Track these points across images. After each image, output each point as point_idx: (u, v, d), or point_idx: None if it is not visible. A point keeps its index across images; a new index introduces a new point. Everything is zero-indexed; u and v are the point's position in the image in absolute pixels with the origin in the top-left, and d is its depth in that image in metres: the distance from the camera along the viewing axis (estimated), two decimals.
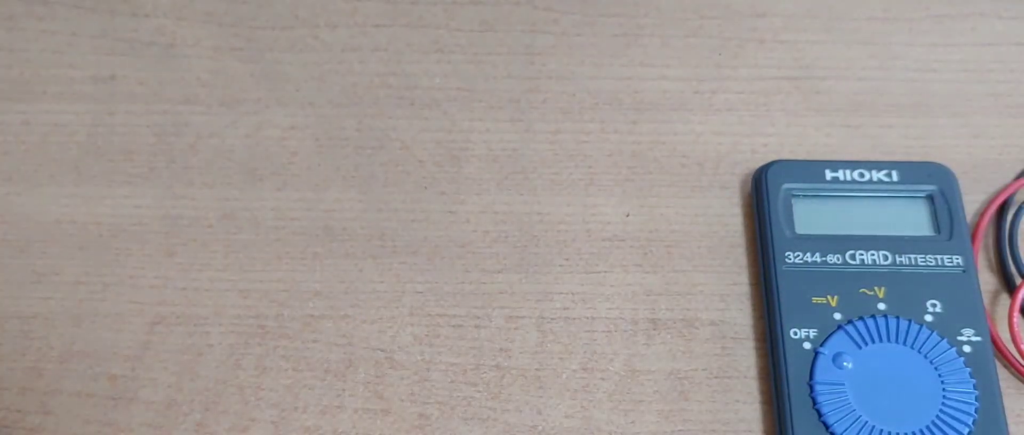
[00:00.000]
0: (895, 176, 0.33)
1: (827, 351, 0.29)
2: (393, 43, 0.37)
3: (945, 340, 0.29)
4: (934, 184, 0.33)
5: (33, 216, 0.33)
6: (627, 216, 0.34)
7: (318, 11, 0.37)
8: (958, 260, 0.31)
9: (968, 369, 0.29)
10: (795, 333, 0.30)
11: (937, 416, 0.28)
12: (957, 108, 0.36)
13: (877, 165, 0.33)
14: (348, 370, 0.31)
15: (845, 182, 0.33)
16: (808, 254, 0.31)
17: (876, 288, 0.31)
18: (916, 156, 0.35)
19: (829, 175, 0.33)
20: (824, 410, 0.28)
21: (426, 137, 0.35)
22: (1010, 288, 0.32)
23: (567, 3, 0.38)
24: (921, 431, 0.28)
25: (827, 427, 0.28)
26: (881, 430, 0.28)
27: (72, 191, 0.34)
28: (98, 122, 0.35)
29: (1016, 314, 0.30)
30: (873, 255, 0.31)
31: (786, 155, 0.35)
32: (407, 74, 0.36)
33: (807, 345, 0.30)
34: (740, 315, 0.32)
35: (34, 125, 0.35)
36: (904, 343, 0.29)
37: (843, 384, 0.29)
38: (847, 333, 0.30)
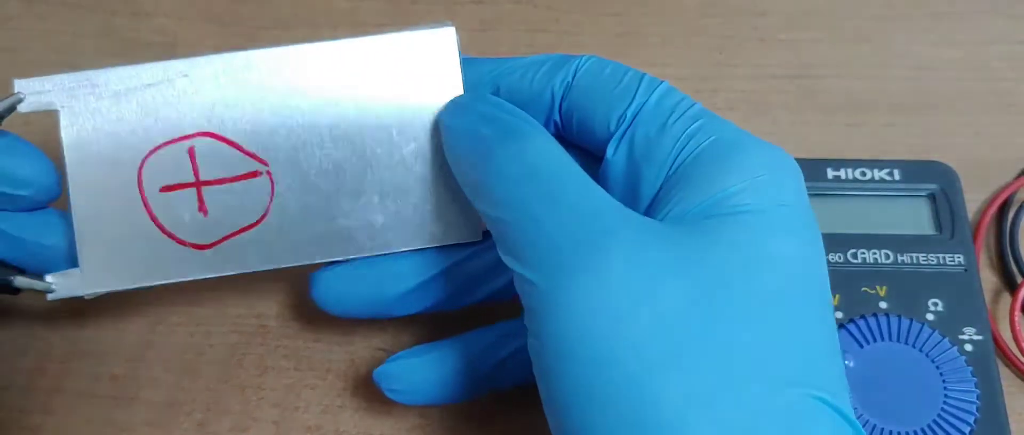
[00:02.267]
0: (897, 175, 0.33)
1: None
2: None
3: (946, 339, 0.29)
4: (936, 183, 0.33)
5: None
6: None
7: (319, 11, 0.37)
8: (960, 259, 0.31)
9: (969, 368, 0.29)
10: None
11: (939, 414, 0.28)
12: (958, 106, 0.36)
13: (879, 164, 0.33)
14: (350, 369, 0.31)
15: (847, 181, 0.33)
16: None
17: (878, 287, 0.31)
18: (917, 154, 0.35)
19: (830, 174, 0.33)
20: None
21: None
22: (1011, 286, 0.32)
23: (567, 2, 0.38)
24: (923, 430, 0.28)
25: None
26: (883, 429, 0.28)
27: None
28: None
29: (1018, 313, 0.31)
30: (875, 254, 0.31)
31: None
32: None
33: None
34: None
35: (35, 125, 0.34)
36: (906, 342, 0.29)
37: None
38: (849, 332, 0.30)
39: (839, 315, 0.30)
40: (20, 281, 0.27)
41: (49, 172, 0.27)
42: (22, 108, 0.27)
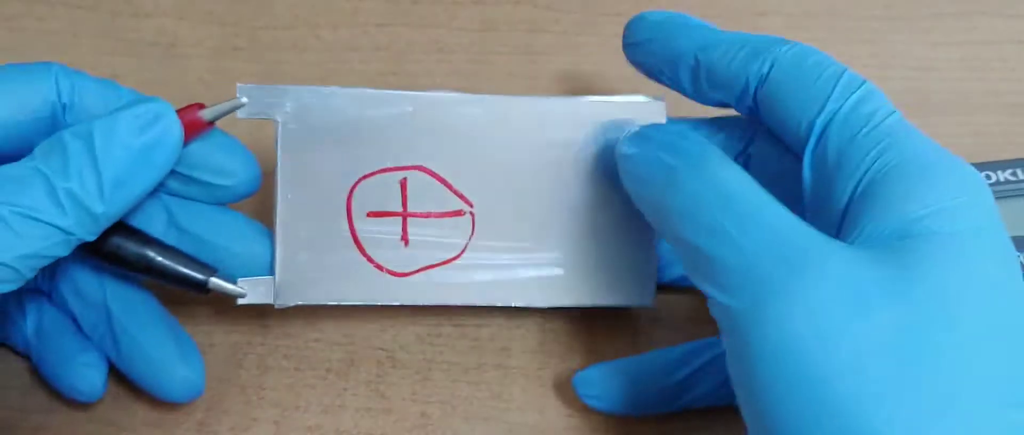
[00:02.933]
0: (1021, 174, 0.32)
1: None
2: (394, 42, 0.37)
3: None
4: None
5: None
6: None
7: (319, 11, 0.37)
8: None
9: None
10: None
11: None
12: (958, 106, 0.36)
13: (1000, 165, 0.32)
14: (350, 369, 0.31)
15: None
16: None
17: None
18: None
19: None
20: None
21: None
22: None
23: (568, 2, 0.38)
24: None
25: None
26: None
27: None
28: None
29: None
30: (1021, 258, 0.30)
31: None
32: (408, 73, 0.36)
33: None
34: None
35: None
36: None
37: None
38: None
39: None
40: (214, 283, 0.27)
41: (251, 165, 0.28)
42: (241, 114, 0.27)
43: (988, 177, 0.32)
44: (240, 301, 0.28)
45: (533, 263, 0.29)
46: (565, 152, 0.29)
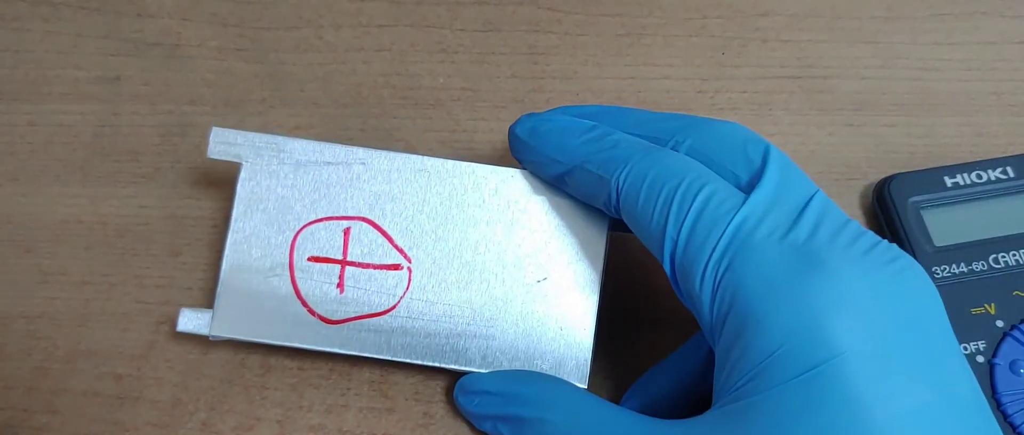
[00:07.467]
0: (1011, 172, 0.32)
1: (1002, 361, 0.29)
2: (397, 43, 0.37)
3: None
4: None
5: (39, 216, 0.33)
6: None
7: (322, 12, 0.37)
8: None
9: None
10: (965, 348, 0.29)
11: None
12: (960, 107, 0.36)
13: (990, 164, 0.33)
14: (353, 369, 0.32)
15: (966, 186, 0.32)
16: (953, 266, 0.31)
17: None
18: (919, 155, 0.35)
19: (949, 182, 0.32)
20: (1018, 422, 0.28)
21: (430, 137, 0.35)
22: None
23: (570, 3, 0.38)
24: None
25: None
26: None
27: (78, 191, 0.34)
28: (104, 122, 0.35)
29: None
30: (1015, 255, 0.31)
31: (788, 153, 0.35)
32: (411, 74, 0.36)
33: (980, 358, 0.29)
34: None
35: (40, 125, 0.35)
36: None
37: None
38: (1015, 338, 0.29)
39: (999, 323, 0.30)
40: None
41: None
42: (211, 155, 0.30)
43: (979, 176, 0.32)
44: (178, 329, 0.29)
45: (467, 325, 0.29)
46: (508, 222, 0.29)
